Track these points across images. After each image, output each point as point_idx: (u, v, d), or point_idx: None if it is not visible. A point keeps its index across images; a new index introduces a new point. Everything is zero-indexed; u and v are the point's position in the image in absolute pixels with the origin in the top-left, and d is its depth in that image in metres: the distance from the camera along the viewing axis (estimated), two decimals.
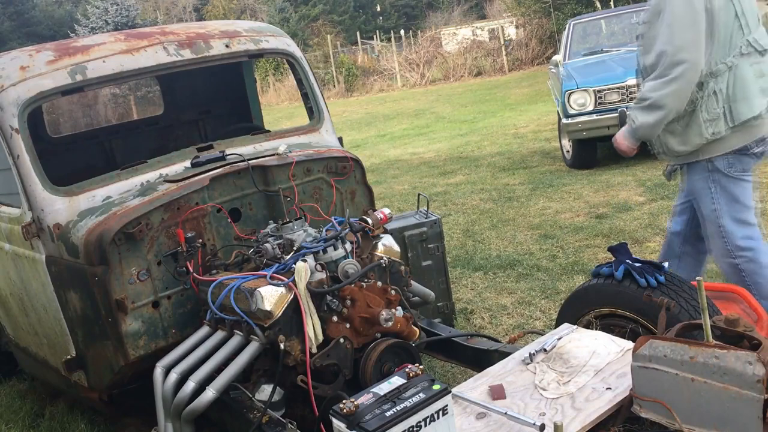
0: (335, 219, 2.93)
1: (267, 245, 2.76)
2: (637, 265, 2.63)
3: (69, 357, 3.08)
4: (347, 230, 2.82)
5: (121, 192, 3.01)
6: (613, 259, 2.73)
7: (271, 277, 2.52)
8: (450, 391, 1.95)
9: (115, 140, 4.95)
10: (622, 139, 3.24)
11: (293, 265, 2.53)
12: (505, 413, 2.14)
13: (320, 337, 2.50)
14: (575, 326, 2.67)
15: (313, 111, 3.74)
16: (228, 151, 3.22)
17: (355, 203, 3.39)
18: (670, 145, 3.15)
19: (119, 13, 31.03)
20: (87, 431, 3.66)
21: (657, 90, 2.99)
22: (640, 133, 3.14)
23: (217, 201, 3.00)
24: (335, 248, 2.70)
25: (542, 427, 2.02)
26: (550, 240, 5.59)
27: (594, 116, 7.51)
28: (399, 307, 2.73)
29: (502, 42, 24.00)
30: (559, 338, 2.57)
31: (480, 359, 2.84)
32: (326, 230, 2.83)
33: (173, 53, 3.27)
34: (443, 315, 3.96)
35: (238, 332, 2.59)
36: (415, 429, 1.85)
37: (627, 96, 7.42)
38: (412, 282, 3.01)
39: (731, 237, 3.12)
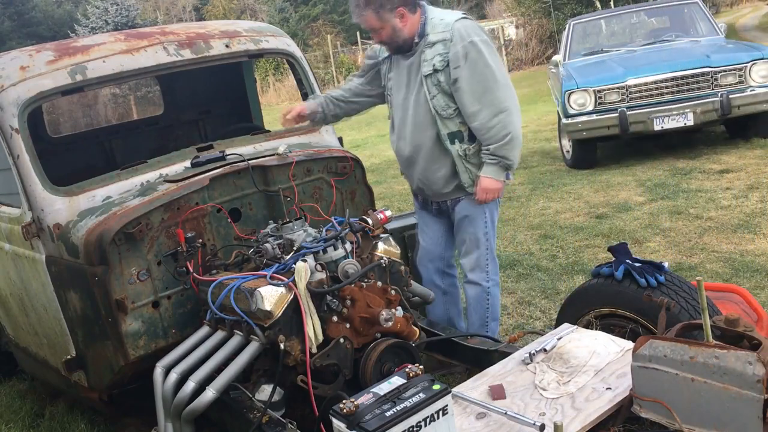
0: (335, 219, 2.93)
1: (267, 245, 2.76)
2: (637, 265, 2.64)
3: (69, 357, 3.08)
4: (347, 230, 2.81)
5: (121, 192, 3.01)
6: (613, 259, 2.74)
7: (271, 277, 2.52)
8: (450, 391, 1.95)
9: (115, 140, 4.95)
10: (493, 183, 3.24)
11: (293, 265, 2.53)
12: (505, 413, 2.14)
13: (320, 337, 2.50)
14: (575, 326, 2.68)
15: None
16: (228, 151, 3.22)
17: (355, 203, 3.38)
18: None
19: (119, 13, 31.00)
20: (87, 431, 3.66)
21: (509, 124, 3.21)
22: (515, 166, 3.29)
23: (217, 201, 3.00)
24: (335, 248, 2.69)
25: (542, 427, 2.02)
26: (550, 240, 5.59)
27: (594, 116, 7.50)
28: (399, 307, 2.73)
29: (502, 42, 23.99)
30: (559, 338, 2.57)
31: (480, 359, 2.84)
32: (326, 230, 2.82)
33: (173, 53, 3.27)
34: None
35: (238, 332, 2.59)
36: (415, 429, 1.85)
37: (627, 96, 7.40)
38: (412, 282, 3.01)
39: (494, 262, 3.40)
